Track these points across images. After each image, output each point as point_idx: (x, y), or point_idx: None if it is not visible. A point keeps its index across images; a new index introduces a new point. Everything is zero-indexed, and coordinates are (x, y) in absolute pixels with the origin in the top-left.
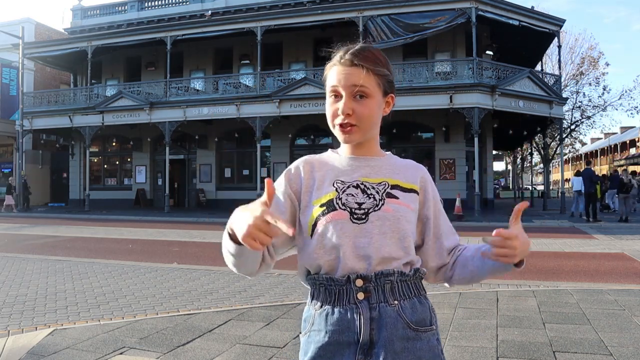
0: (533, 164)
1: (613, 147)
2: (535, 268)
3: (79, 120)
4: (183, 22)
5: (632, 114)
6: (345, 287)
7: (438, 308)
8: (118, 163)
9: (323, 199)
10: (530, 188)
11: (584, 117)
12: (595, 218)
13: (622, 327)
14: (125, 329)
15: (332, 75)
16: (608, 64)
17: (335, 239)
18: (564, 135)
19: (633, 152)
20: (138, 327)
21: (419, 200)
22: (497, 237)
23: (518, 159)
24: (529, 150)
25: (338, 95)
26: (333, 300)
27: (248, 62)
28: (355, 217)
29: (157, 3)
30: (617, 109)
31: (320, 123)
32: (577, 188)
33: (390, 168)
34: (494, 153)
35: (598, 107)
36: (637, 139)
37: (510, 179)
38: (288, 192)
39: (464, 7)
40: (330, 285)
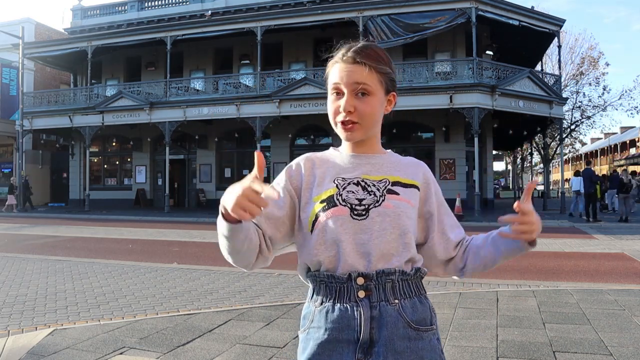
0: (533, 164)
1: (613, 147)
2: (535, 268)
3: (79, 120)
4: (183, 22)
5: (632, 114)
6: (346, 284)
7: (438, 308)
8: (118, 163)
9: (323, 195)
10: None
11: (584, 117)
12: (595, 218)
13: (622, 327)
14: (125, 329)
15: (334, 73)
16: (608, 64)
17: (336, 235)
18: (564, 135)
19: (633, 152)
20: (138, 327)
21: (421, 197)
22: (514, 215)
23: (518, 159)
24: (529, 150)
25: (340, 93)
26: (333, 298)
27: (248, 62)
28: (356, 213)
29: (157, 3)
30: (617, 109)
31: (321, 123)
32: (576, 188)
33: (391, 165)
34: (494, 153)
35: (598, 107)
36: (637, 139)
37: (510, 179)
38: (288, 187)
39: (464, 7)
40: (331, 283)
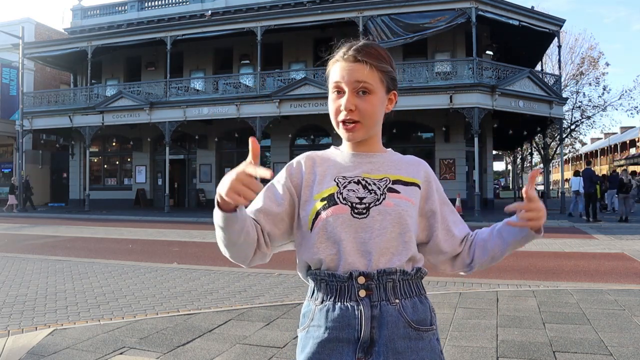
0: (533, 164)
1: (613, 147)
2: (535, 268)
3: (79, 120)
4: (183, 22)
5: (632, 114)
6: (347, 283)
7: (438, 308)
8: (118, 163)
9: (324, 193)
10: None
11: (584, 117)
12: (595, 218)
13: (622, 327)
14: (125, 329)
15: (335, 71)
16: (608, 64)
17: (336, 234)
18: (564, 135)
19: (633, 152)
20: (138, 327)
21: (422, 195)
22: (520, 202)
23: (518, 159)
24: (529, 150)
25: (341, 91)
26: (334, 297)
27: (248, 62)
28: (356, 211)
29: (157, 3)
30: (617, 109)
31: (321, 123)
32: (575, 188)
33: (392, 164)
34: (494, 153)
35: (598, 107)
36: (637, 139)
37: (510, 179)
38: (288, 185)
39: (464, 7)
40: (332, 281)
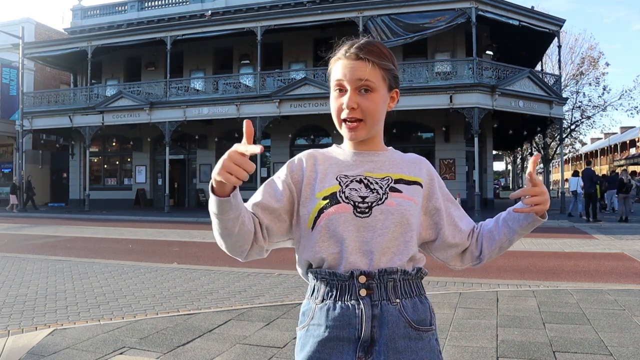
0: None
1: (613, 147)
2: (535, 268)
3: (79, 120)
4: (183, 22)
5: (632, 114)
6: (348, 282)
7: (438, 308)
8: (118, 163)
9: (326, 192)
10: None
11: (584, 117)
12: (595, 218)
13: (622, 327)
14: (125, 329)
15: (337, 69)
16: (608, 64)
17: (339, 232)
18: (564, 135)
19: (633, 152)
20: (138, 327)
21: (425, 194)
22: (524, 188)
23: (518, 159)
24: (529, 150)
25: (343, 89)
26: (335, 295)
27: (248, 62)
28: (359, 210)
29: (157, 3)
30: (617, 109)
31: (321, 123)
32: (573, 188)
33: (394, 163)
34: (494, 153)
35: (598, 107)
36: (637, 139)
37: (510, 179)
38: (288, 181)
39: (464, 7)
40: (333, 280)
